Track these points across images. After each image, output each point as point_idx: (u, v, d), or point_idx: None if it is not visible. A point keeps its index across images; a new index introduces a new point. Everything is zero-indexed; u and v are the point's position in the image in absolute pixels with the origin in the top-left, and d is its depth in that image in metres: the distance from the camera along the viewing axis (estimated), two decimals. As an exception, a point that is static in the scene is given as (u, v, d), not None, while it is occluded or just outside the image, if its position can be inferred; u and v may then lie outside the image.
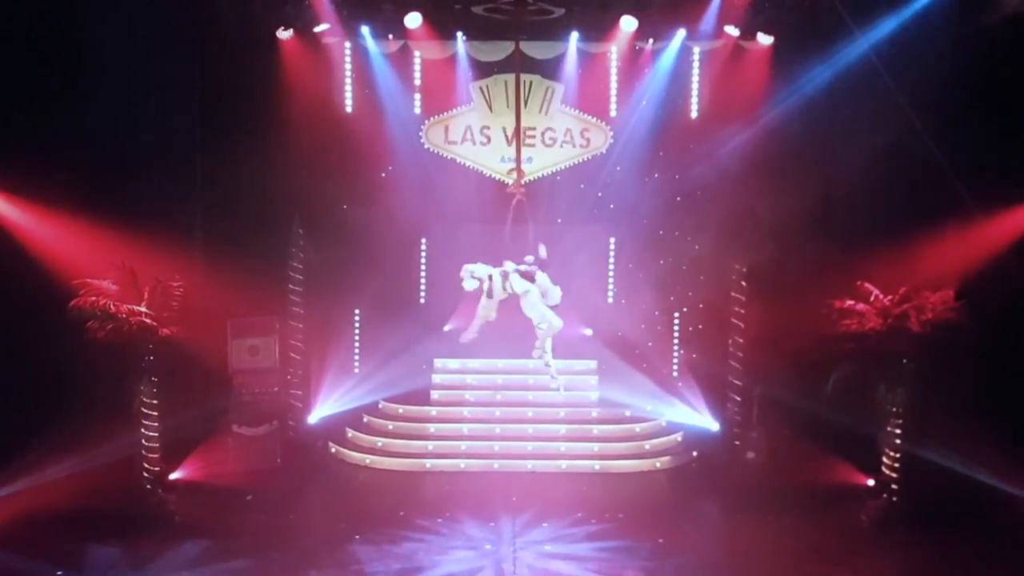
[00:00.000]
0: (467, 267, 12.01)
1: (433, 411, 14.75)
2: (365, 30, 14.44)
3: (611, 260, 16.07)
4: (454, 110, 15.61)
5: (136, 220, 12.76)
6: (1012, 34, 12.65)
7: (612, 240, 15.99)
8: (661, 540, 11.46)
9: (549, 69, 15.20)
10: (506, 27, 13.27)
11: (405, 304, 15.91)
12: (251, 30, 13.96)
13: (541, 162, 15.70)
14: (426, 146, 15.68)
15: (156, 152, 14.09)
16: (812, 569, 10.86)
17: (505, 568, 10.71)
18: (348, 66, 15.09)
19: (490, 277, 11.64)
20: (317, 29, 14.24)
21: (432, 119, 15.65)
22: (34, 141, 12.12)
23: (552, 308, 11.64)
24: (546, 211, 15.16)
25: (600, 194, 15.48)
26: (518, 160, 12.72)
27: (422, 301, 15.98)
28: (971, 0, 12.84)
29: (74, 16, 12.60)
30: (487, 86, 15.38)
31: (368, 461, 13.99)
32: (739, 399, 14.70)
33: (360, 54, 14.94)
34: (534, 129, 15.54)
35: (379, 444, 14.22)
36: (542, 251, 11.69)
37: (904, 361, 12.42)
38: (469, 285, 12.09)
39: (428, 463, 13.90)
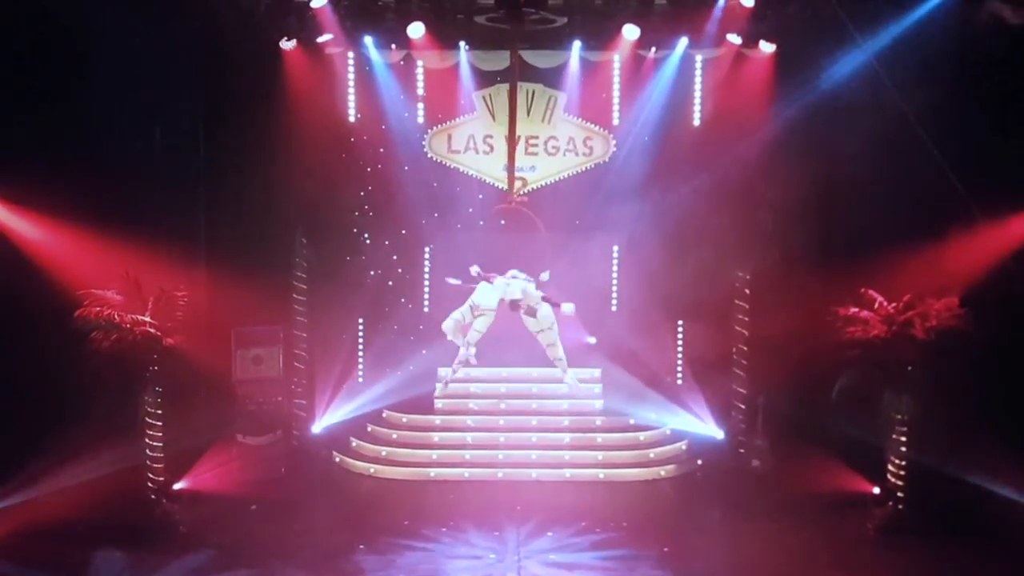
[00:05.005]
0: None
1: (437, 420, 14.73)
2: (368, 40, 14.47)
3: (614, 268, 16.06)
4: (457, 119, 15.63)
5: (140, 230, 12.80)
6: (1017, 38, 12.67)
7: (615, 248, 15.99)
8: (666, 549, 11.42)
9: (552, 78, 15.22)
10: (508, 37, 13.29)
11: (409, 313, 15.91)
12: (254, 40, 14.01)
13: (544, 171, 15.71)
14: (429, 155, 15.70)
15: (160, 162, 14.15)
16: (817, 577, 10.85)
17: (509, 577, 10.71)
18: (351, 76, 15.13)
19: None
20: (320, 39, 14.27)
21: (435, 128, 15.68)
22: (37, 151, 12.14)
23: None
24: (549, 220, 15.15)
25: (603, 202, 15.47)
26: (511, 169, 12.78)
27: (426, 309, 15.98)
28: (975, 5, 12.88)
29: (77, 27, 12.62)
30: (490, 95, 15.40)
31: (372, 470, 13.98)
32: (743, 407, 14.68)
33: (363, 64, 14.99)
34: (536, 138, 15.56)
35: (383, 453, 14.21)
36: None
37: (909, 368, 12.39)
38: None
39: (432, 472, 13.89)
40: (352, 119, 15.31)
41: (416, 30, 13.94)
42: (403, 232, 15.73)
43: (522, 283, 12.00)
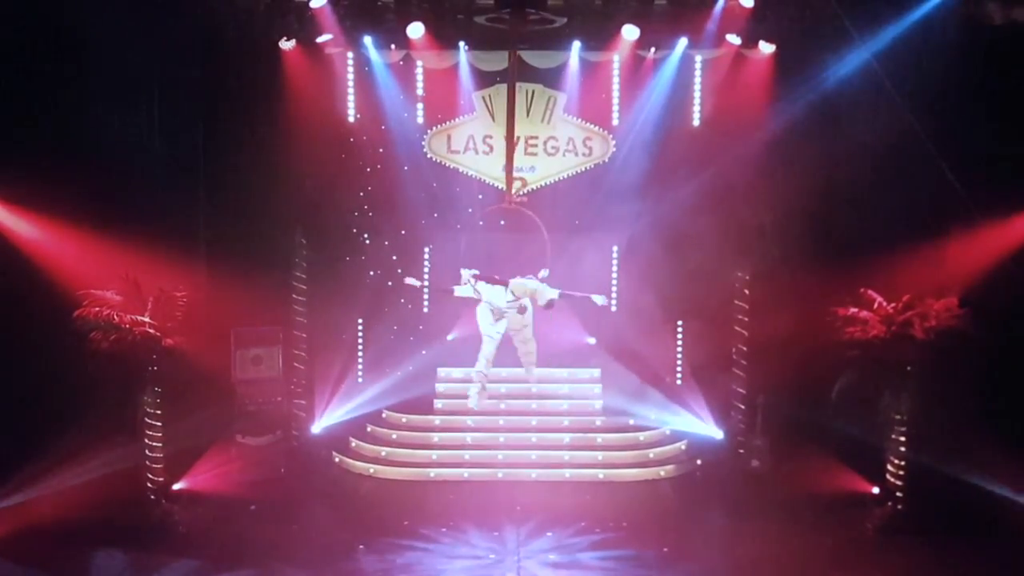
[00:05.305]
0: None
1: (437, 420, 14.73)
2: (368, 40, 14.43)
3: (614, 268, 16.06)
4: (457, 119, 15.61)
5: (140, 230, 12.79)
6: (1016, 39, 12.69)
7: (615, 248, 15.98)
8: (666, 549, 11.45)
9: (551, 78, 15.20)
10: (508, 37, 13.31)
11: (408, 313, 15.91)
12: (254, 40, 14.00)
13: (544, 171, 15.70)
14: (429, 156, 15.69)
15: (159, 162, 14.14)
16: (817, 577, 10.86)
17: (509, 577, 10.72)
18: (351, 76, 15.11)
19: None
20: (320, 39, 14.26)
21: (435, 129, 15.66)
22: (37, 151, 12.15)
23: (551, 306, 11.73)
24: (548, 220, 15.12)
25: (603, 203, 15.47)
26: (509, 170, 12.84)
27: (425, 310, 15.98)
28: (974, 5, 12.90)
29: (76, 27, 12.64)
30: (489, 96, 15.38)
31: (372, 471, 13.98)
32: (743, 407, 14.67)
33: (362, 64, 14.96)
34: (536, 138, 15.55)
35: (383, 453, 14.21)
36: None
37: (908, 368, 12.40)
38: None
39: (432, 472, 13.89)
40: (351, 119, 15.28)
41: (416, 30, 13.92)
42: (403, 232, 15.73)
43: (536, 282, 12.03)
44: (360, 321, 15.74)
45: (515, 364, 14.37)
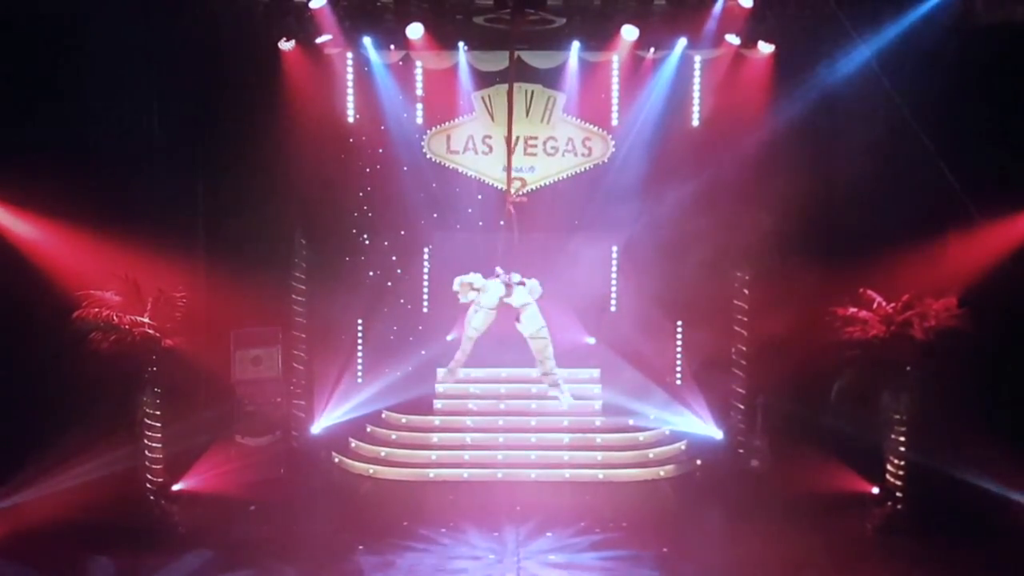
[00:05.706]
0: (462, 279, 12.13)
1: (436, 420, 14.73)
2: (367, 41, 14.46)
3: (614, 268, 16.07)
4: (456, 120, 15.62)
5: (139, 231, 12.79)
6: (1015, 38, 12.70)
7: (614, 249, 15.99)
8: (665, 549, 11.44)
9: (550, 79, 15.22)
10: (507, 37, 13.33)
11: (408, 313, 15.91)
12: (253, 41, 14.02)
13: (543, 171, 15.70)
14: (428, 156, 15.70)
15: (158, 163, 14.14)
16: (816, 577, 10.84)
17: (509, 578, 10.71)
18: (350, 77, 15.12)
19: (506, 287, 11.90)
20: (319, 40, 14.27)
21: (434, 129, 15.67)
22: (36, 152, 12.14)
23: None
24: (548, 220, 15.16)
25: (602, 203, 15.47)
26: (509, 170, 12.85)
27: (425, 310, 15.99)
28: (973, 6, 12.90)
29: (76, 27, 12.64)
30: (489, 96, 15.39)
31: (371, 471, 13.97)
32: (743, 407, 14.68)
33: (362, 65, 14.98)
34: (535, 139, 15.55)
35: (382, 454, 14.21)
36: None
37: (908, 368, 12.40)
38: (467, 297, 12.32)
39: (431, 473, 13.88)
40: (351, 120, 15.28)
41: (415, 31, 13.94)
42: (402, 233, 15.74)
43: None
44: (360, 321, 15.74)
45: (517, 365, 14.48)
